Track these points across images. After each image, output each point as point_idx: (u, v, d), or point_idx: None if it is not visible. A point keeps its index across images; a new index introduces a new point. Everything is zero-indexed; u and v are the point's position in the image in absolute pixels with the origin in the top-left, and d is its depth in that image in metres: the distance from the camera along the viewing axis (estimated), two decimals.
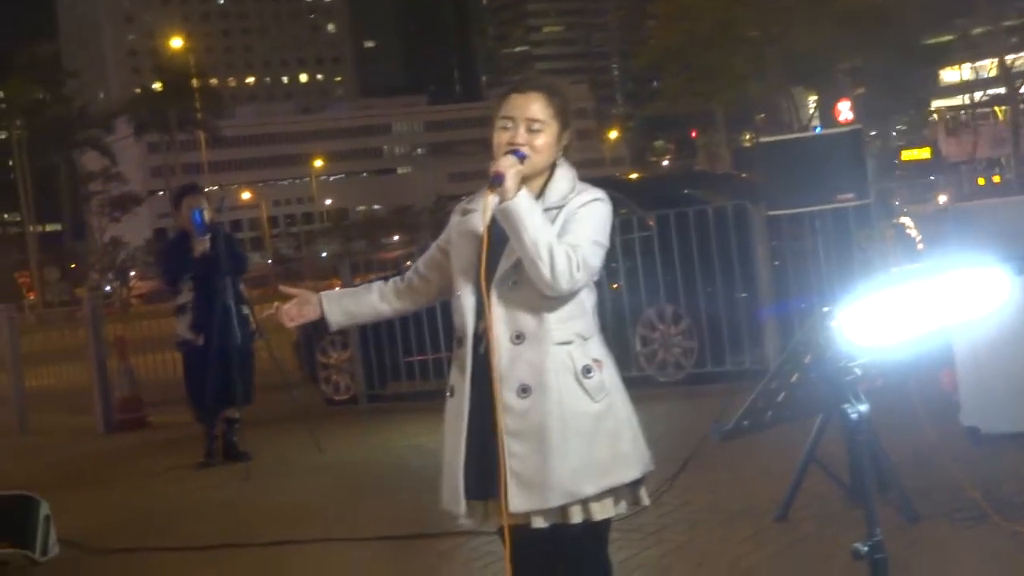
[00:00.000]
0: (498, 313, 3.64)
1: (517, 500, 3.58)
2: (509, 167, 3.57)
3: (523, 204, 3.54)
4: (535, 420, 3.60)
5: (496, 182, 3.55)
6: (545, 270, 3.53)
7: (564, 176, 3.75)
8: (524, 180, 3.63)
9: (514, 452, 3.60)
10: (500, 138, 3.70)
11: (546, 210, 3.64)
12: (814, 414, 5.61)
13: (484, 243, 3.62)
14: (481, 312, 3.67)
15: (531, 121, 3.68)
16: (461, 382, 3.70)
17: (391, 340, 12.14)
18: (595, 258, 3.65)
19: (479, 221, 3.66)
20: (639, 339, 11.16)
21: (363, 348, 12.41)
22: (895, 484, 5.95)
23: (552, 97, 3.73)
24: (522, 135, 3.67)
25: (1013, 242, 6.45)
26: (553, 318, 3.64)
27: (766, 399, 3.09)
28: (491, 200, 3.57)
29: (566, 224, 3.64)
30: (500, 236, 3.60)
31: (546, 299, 3.62)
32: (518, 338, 3.63)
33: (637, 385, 3.88)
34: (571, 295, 3.63)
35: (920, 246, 11.64)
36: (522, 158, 3.62)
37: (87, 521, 8.35)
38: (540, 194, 3.70)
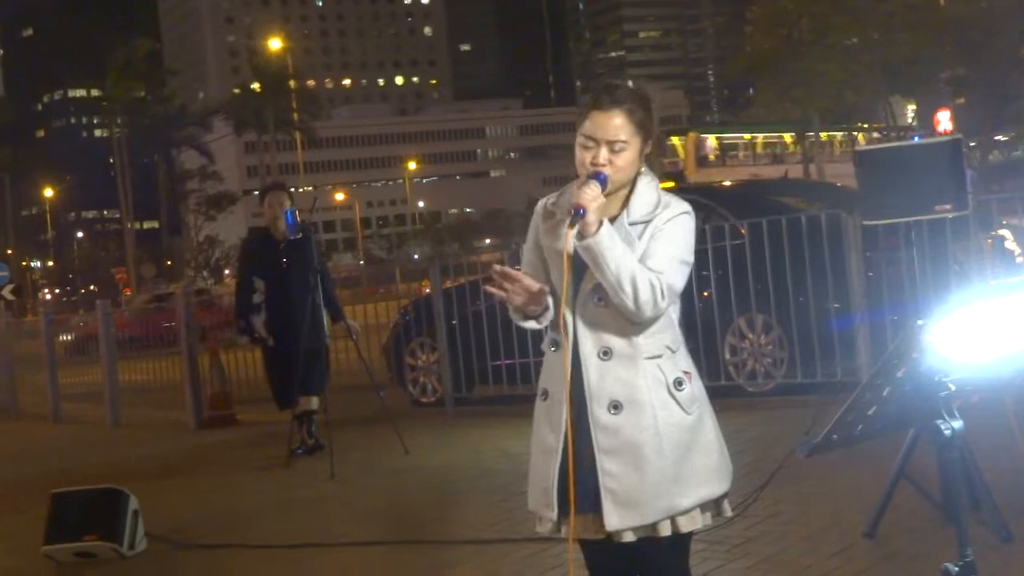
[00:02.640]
0: (584, 330, 3.60)
1: (614, 518, 3.54)
2: (591, 200, 3.49)
3: (604, 241, 3.48)
4: (628, 436, 3.55)
5: (577, 216, 3.48)
6: (629, 301, 3.49)
7: (648, 187, 3.68)
8: (606, 195, 3.56)
9: (608, 470, 3.55)
10: (582, 156, 3.63)
11: (631, 224, 3.59)
12: (905, 429, 5.50)
13: (565, 276, 3.56)
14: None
15: (613, 142, 3.59)
16: (558, 389, 3.64)
17: (479, 344, 12.13)
18: (680, 280, 3.60)
19: (562, 238, 3.58)
20: (728, 348, 11.04)
21: (451, 351, 12.41)
22: (988, 502, 5.81)
23: (633, 112, 3.62)
24: (604, 156, 3.59)
25: None
26: (641, 333, 3.59)
27: (857, 413, 3.02)
28: (571, 233, 3.50)
29: (652, 241, 3.58)
30: (579, 262, 3.55)
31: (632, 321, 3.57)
32: (605, 354, 3.59)
33: (726, 394, 3.84)
34: (657, 319, 3.59)
35: (1020, 259, 11.41)
36: (603, 182, 3.55)
37: (174, 516, 8.43)
38: (624, 205, 3.64)
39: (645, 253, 3.56)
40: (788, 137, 67.08)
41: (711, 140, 65.46)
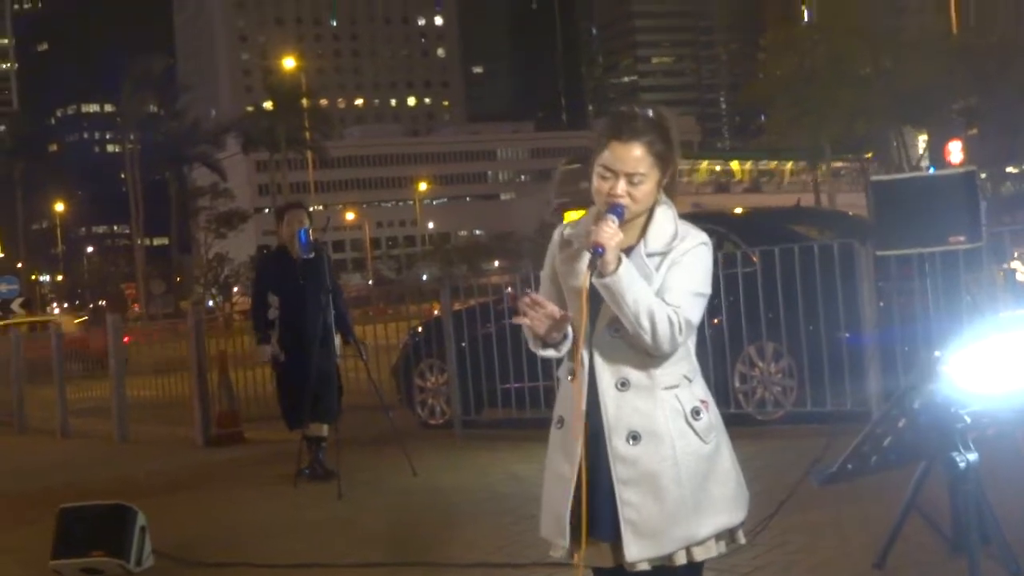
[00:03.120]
0: (601, 361, 3.59)
1: (634, 549, 3.53)
2: (610, 238, 3.45)
3: (624, 280, 3.46)
4: (647, 467, 3.54)
5: (597, 254, 3.45)
6: (647, 337, 3.48)
7: (666, 217, 3.64)
8: (623, 225, 3.54)
9: (627, 500, 3.54)
10: (599, 185, 3.59)
11: (649, 255, 3.57)
12: (920, 460, 5.48)
13: (584, 312, 3.52)
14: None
15: (632, 175, 3.55)
16: (574, 418, 3.61)
17: (488, 366, 12.13)
18: (697, 313, 3.58)
19: (580, 274, 3.55)
20: (738, 376, 11.03)
21: (460, 373, 12.41)
22: (998, 536, 5.79)
23: (653, 144, 3.56)
24: (622, 187, 3.55)
25: None
26: (659, 364, 3.58)
27: (872, 443, 3.02)
28: (589, 273, 3.48)
29: (669, 273, 3.56)
30: (596, 296, 3.53)
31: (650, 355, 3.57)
32: (623, 385, 3.58)
33: (735, 422, 3.82)
34: (674, 353, 3.58)
35: None
36: (620, 215, 3.52)
37: (181, 533, 8.42)
38: (641, 235, 3.62)
39: (663, 286, 3.54)
40: (735, 164, 66.55)
41: None
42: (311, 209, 11.34)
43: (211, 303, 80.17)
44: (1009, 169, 69.66)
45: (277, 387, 10.62)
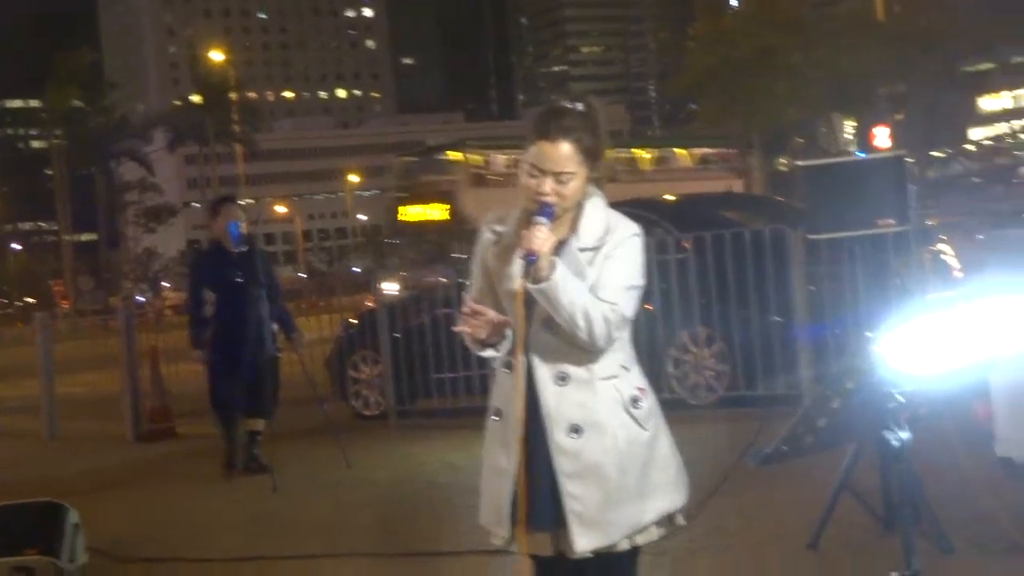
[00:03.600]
0: (538, 358, 3.59)
1: (583, 541, 3.54)
2: (542, 245, 3.45)
3: (559, 285, 3.46)
4: (590, 459, 3.55)
5: (531, 261, 3.45)
6: (583, 335, 3.49)
7: (596, 210, 3.64)
8: (553, 221, 3.54)
9: (572, 493, 3.55)
10: (527, 184, 3.58)
11: (582, 250, 3.57)
12: (854, 441, 5.54)
13: (519, 313, 3.54)
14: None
15: (560, 174, 3.55)
16: (511, 410, 3.61)
17: (422, 357, 12.12)
18: (632, 307, 3.60)
19: (514, 278, 3.56)
20: (671, 361, 11.08)
21: (394, 364, 12.39)
22: (929, 514, 5.86)
23: (581, 141, 3.56)
24: (549, 186, 3.54)
25: None
26: (596, 356, 3.58)
27: (806, 425, 3.04)
28: (524, 281, 3.48)
29: (603, 269, 3.56)
30: (532, 298, 3.53)
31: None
32: (562, 379, 3.58)
33: (668, 407, 3.83)
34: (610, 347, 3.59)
35: (958, 273, 11.52)
36: (550, 216, 3.51)
37: (115, 530, 8.33)
38: (572, 228, 3.61)
39: (597, 282, 3.54)
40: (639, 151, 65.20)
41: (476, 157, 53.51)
42: (242, 203, 11.24)
43: (141, 298, 79.38)
44: (935, 153, 70.56)
45: (209, 383, 10.50)
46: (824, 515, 6.13)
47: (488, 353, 3.62)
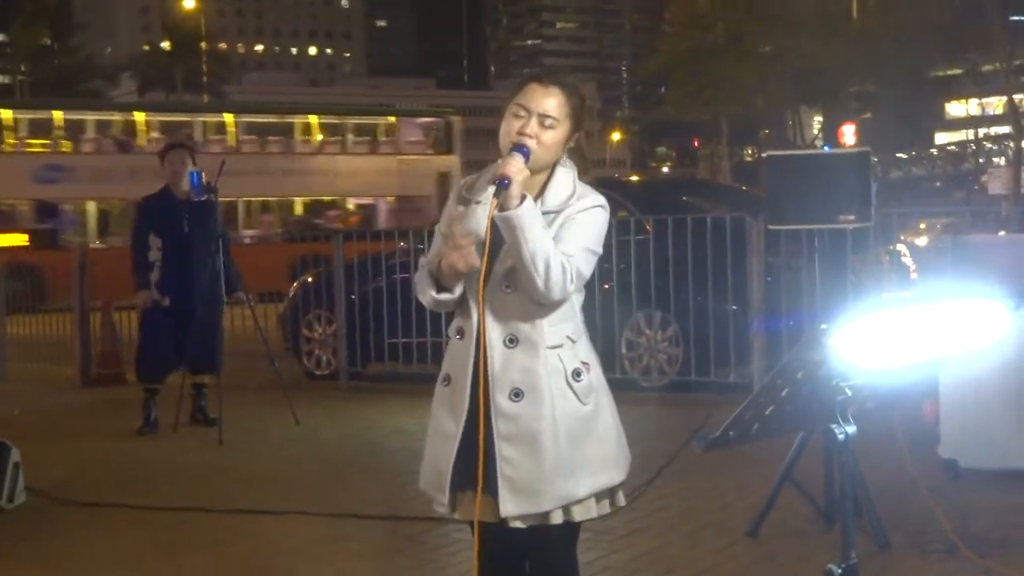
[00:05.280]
0: (491, 317, 3.60)
1: (510, 505, 3.55)
2: (517, 172, 3.50)
3: (527, 215, 3.48)
4: (527, 424, 3.57)
5: (502, 185, 3.48)
6: (540, 281, 3.49)
7: (565, 177, 3.68)
8: (528, 161, 3.57)
9: (507, 456, 3.56)
10: (510, 125, 3.63)
11: (544, 213, 3.59)
12: (801, 430, 5.59)
13: (486, 248, 3.54)
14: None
15: (544, 116, 3.61)
16: (461, 376, 3.63)
17: (377, 320, 12.11)
18: (588, 267, 3.62)
19: (482, 221, 3.58)
20: (625, 342, 11.12)
21: (348, 325, 12.38)
22: (870, 510, 5.93)
23: (570, 96, 3.66)
24: (533, 127, 3.60)
25: (1012, 277, 6.42)
26: (545, 322, 3.60)
27: (754, 411, 3.06)
28: (494, 203, 3.50)
29: (563, 228, 3.59)
30: (496, 240, 3.54)
31: (539, 304, 3.58)
32: (511, 342, 3.59)
33: (619, 388, 3.85)
34: (563, 302, 3.60)
35: (914, 275, 11.61)
36: (527, 156, 3.55)
37: (57, 472, 8.30)
38: (539, 193, 3.64)
39: (555, 239, 3.56)
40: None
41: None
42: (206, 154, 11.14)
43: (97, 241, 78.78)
44: (899, 155, 70.97)
45: (142, 333, 10.32)
46: (766, 504, 6.19)
47: (444, 296, 3.62)
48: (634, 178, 14.63)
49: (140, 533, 6.83)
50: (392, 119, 37.38)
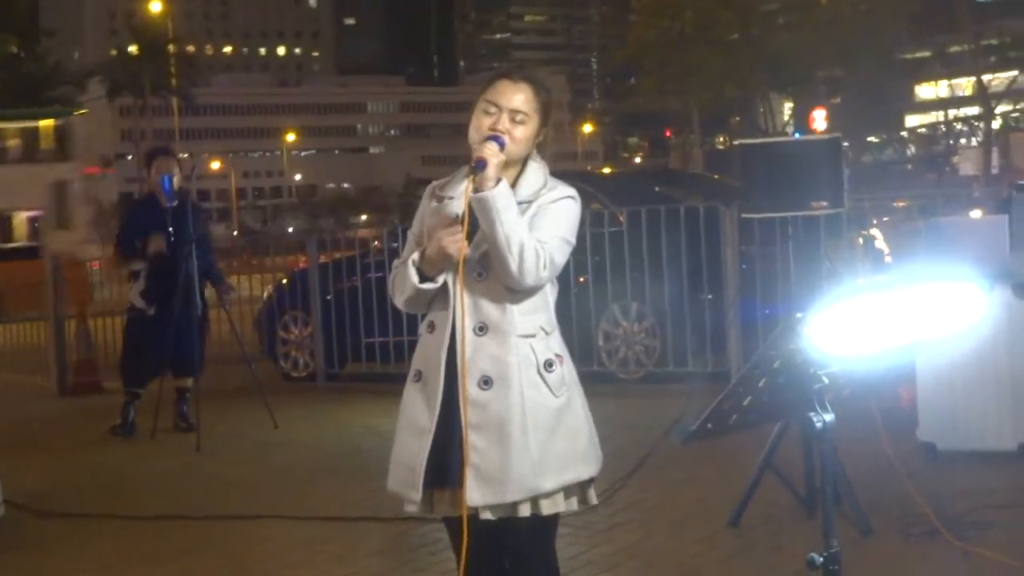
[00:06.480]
0: (461, 304, 3.61)
1: (475, 494, 3.54)
2: (493, 155, 3.55)
3: (502, 196, 3.52)
4: (496, 413, 3.57)
5: (479, 168, 3.52)
6: (513, 265, 3.51)
7: (536, 171, 3.74)
8: (503, 150, 3.62)
9: (474, 445, 3.56)
10: (481, 121, 3.68)
11: (518, 203, 3.61)
12: (779, 420, 5.59)
13: (464, 230, 3.56)
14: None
15: (515, 112, 3.67)
16: (434, 370, 3.63)
17: (353, 320, 12.08)
18: (561, 255, 3.64)
19: (458, 207, 3.62)
20: (602, 334, 11.12)
21: (324, 326, 12.34)
22: (850, 496, 5.93)
23: (539, 91, 3.73)
24: (504, 123, 3.65)
25: (984, 260, 6.44)
26: (517, 311, 3.61)
27: (732, 402, 3.05)
28: (470, 185, 3.54)
29: (535, 219, 3.62)
30: (474, 224, 3.57)
31: (511, 291, 3.59)
32: (481, 329, 3.60)
33: (597, 380, 3.87)
34: (535, 289, 3.60)
35: (888, 259, 11.64)
36: (502, 145, 3.59)
37: (35, 483, 8.26)
38: (512, 187, 3.66)
39: (528, 227, 3.60)
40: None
41: None
42: (180, 156, 11.07)
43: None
44: (870, 139, 71.16)
45: (126, 339, 10.31)
46: (746, 494, 6.19)
47: (427, 285, 3.63)
48: (606, 170, 14.63)
49: (121, 542, 6.79)
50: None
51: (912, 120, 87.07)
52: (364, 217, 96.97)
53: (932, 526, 5.76)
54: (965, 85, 73.78)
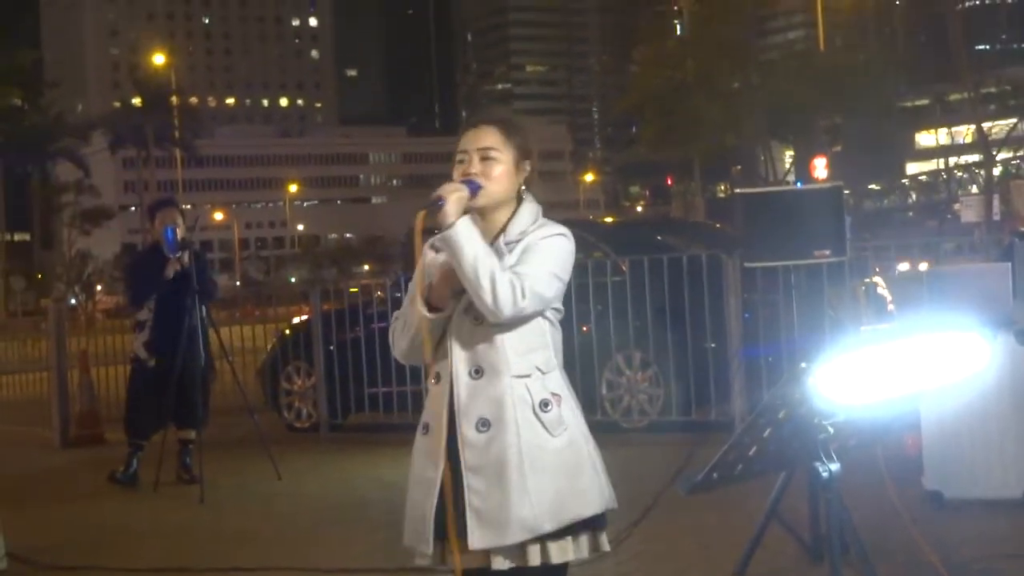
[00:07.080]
0: (457, 348, 3.62)
1: (476, 536, 3.53)
2: (451, 192, 3.56)
3: (461, 231, 3.52)
4: (494, 455, 3.56)
5: (435, 206, 3.53)
6: (487, 297, 3.50)
7: (528, 210, 3.73)
8: (485, 212, 3.64)
9: (474, 487, 3.56)
10: (455, 172, 3.70)
11: (507, 243, 3.63)
12: (784, 469, 5.57)
13: (419, 270, 3.60)
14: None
15: (484, 150, 3.67)
16: (438, 420, 3.63)
17: (356, 370, 12.06)
18: (547, 288, 3.61)
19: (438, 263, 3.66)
20: (605, 383, 11.11)
21: (327, 377, 12.33)
22: (856, 544, 5.89)
23: (504, 127, 3.72)
24: (476, 165, 3.67)
25: (987, 308, 6.44)
26: (512, 351, 3.61)
27: (737, 452, 3.05)
28: (420, 217, 3.56)
29: (524, 254, 3.62)
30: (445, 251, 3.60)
31: (506, 332, 3.59)
32: (477, 372, 3.61)
33: (601, 430, 3.84)
34: (524, 323, 3.60)
35: (891, 307, 11.64)
36: (475, 189, 3.60)
37: (38, 536, 8.22)
38: (504, 228, 3.68)
39: (516, 263, 3.60)
40: None
41: None
42: (184, 207, 11.09)
43: (73, 301, 78.39)
44: (871, 186, 71.28)
45: (130, 390, 10.31)
46: (751, 543, 6.14)
47: (436, 315, 3.62)
48: (608, 219, 14.73)
49: None
50: None
51: (913, 168, 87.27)
52: (366, 267, 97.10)
53: (938, 574, 5.73)
54: (965, 133, 74.00)
